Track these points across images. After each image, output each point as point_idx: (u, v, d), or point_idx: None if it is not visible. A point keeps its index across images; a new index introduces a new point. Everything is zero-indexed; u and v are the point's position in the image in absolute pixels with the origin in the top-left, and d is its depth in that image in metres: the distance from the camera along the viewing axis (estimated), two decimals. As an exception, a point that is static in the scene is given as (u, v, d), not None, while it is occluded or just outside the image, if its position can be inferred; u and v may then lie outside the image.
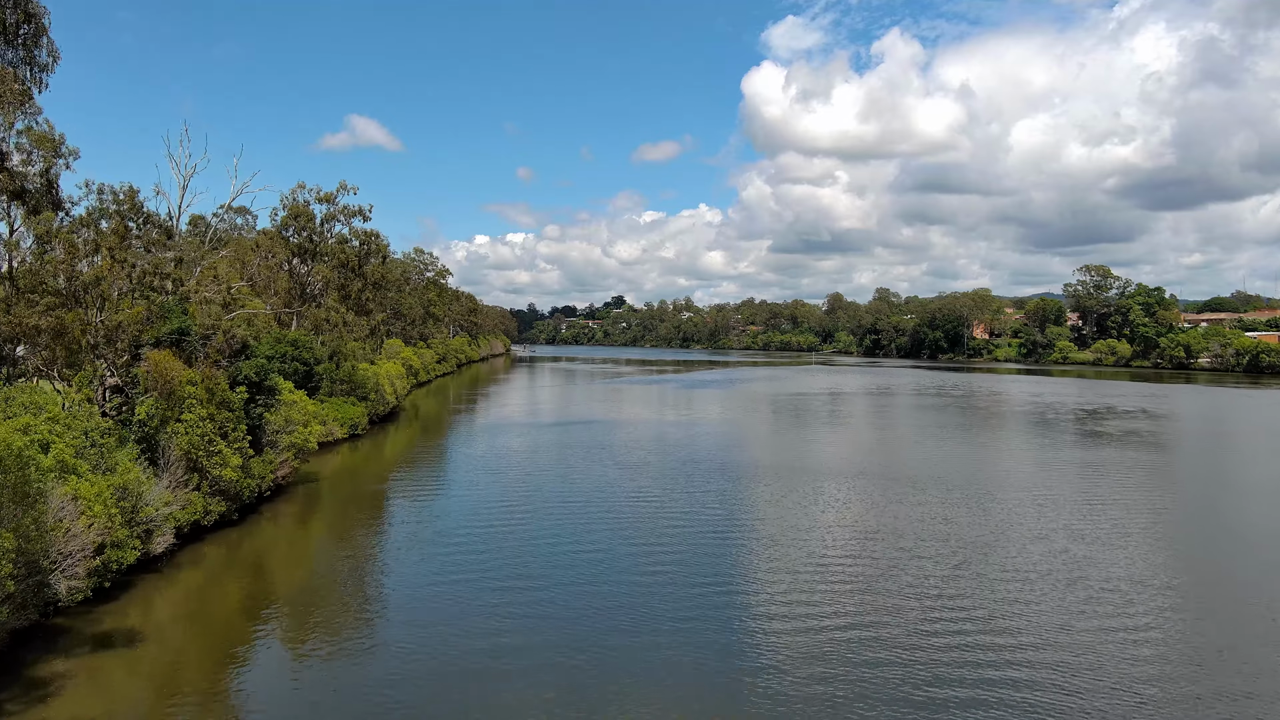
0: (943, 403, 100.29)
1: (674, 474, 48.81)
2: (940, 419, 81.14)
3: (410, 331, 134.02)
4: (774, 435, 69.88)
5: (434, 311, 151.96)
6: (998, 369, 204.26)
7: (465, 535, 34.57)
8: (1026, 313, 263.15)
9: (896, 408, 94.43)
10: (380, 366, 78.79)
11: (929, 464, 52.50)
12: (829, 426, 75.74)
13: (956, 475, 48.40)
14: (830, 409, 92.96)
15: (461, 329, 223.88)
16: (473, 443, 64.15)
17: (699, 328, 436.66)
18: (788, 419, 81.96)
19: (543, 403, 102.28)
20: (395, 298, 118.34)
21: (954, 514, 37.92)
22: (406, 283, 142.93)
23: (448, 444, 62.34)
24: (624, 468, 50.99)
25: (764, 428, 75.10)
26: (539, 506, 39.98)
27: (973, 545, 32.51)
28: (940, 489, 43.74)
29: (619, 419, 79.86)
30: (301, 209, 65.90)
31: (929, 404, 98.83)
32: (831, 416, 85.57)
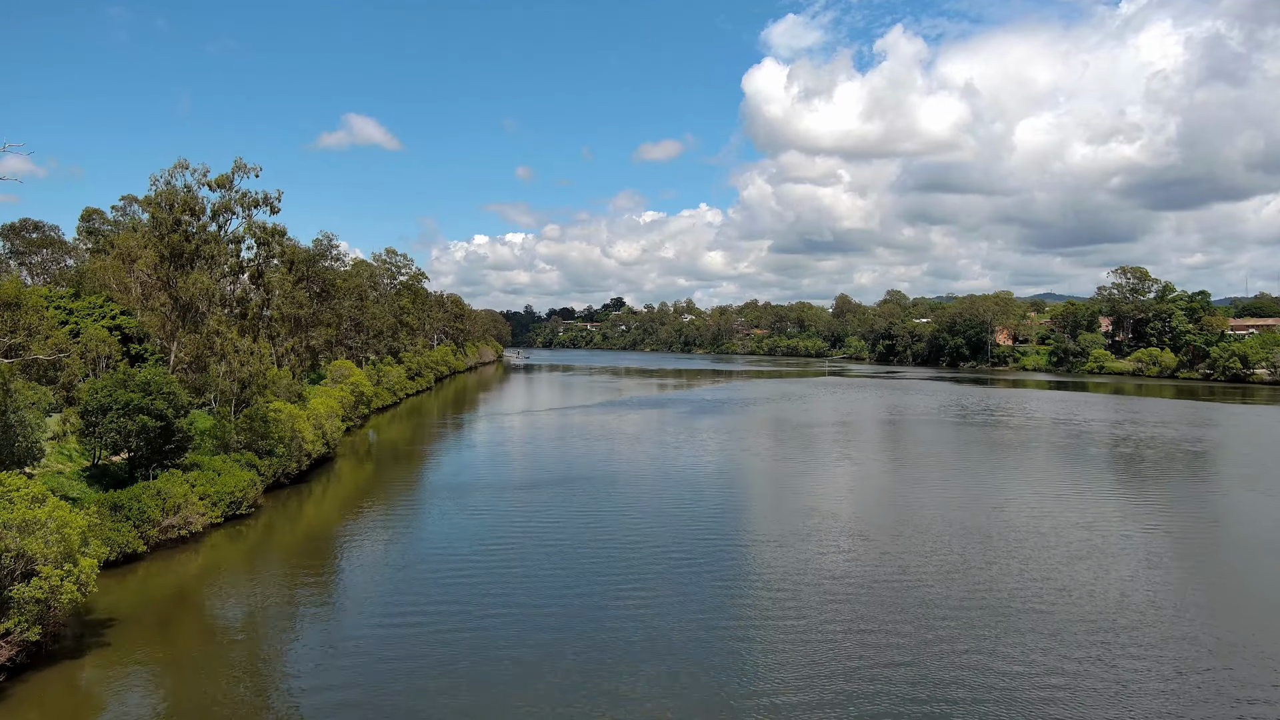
0: (1019, 439, 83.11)
1: (695, 595, 31.65)
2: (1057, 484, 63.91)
3: (378, 345, 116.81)
4: (809, 516, 52.68)
5: (408, 320, 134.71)
6: (1028, 380, 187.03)
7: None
8: (1054, 317, 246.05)
9: (972, 463, 77.20)
10: (313, 402, 61.47)
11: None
12: (885, 499, 58.56)
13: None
14: (871, 458, 75.71)
15: (446, 336, 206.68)
16: (409, 522, 46.81)
17: (701, 331, 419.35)
18: (821, 479, 64.74)
19: (520, 440, 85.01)
20: (353, 308, 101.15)
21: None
22: (374, 288, 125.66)
23: (369, 526, 45.05)
24: (624, 583, 33.85)
25: (796, 496, 57.94)
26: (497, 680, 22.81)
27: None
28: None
29: (613, 473, 62.70)
30: (178, 196, 48.47)
31: (1005, 445, 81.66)
32: (878, 471, 68.32)
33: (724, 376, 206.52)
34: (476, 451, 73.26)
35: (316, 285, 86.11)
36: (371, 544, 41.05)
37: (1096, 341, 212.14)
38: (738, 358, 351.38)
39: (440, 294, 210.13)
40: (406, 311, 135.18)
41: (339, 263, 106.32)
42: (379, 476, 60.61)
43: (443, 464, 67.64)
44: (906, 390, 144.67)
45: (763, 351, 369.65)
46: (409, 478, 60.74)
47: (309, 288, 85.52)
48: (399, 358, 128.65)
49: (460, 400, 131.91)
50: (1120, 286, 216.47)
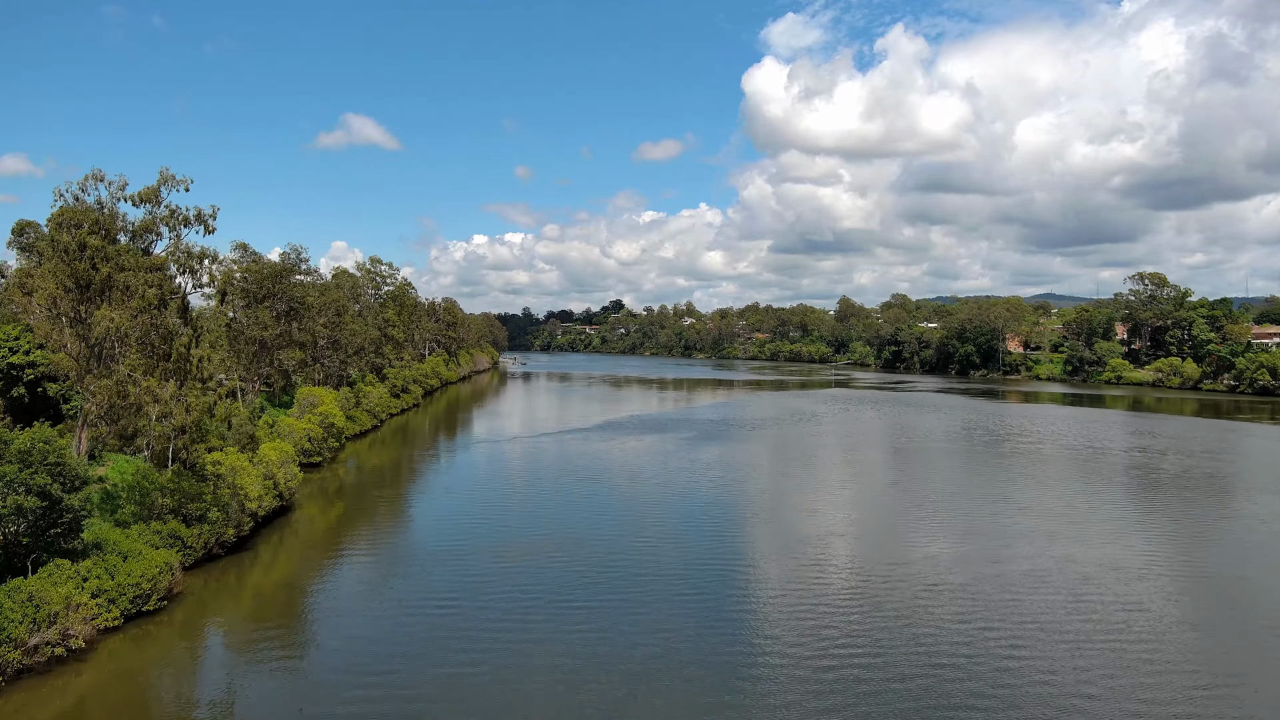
0: (1054, 475, 75.28)
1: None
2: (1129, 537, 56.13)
3: (359, 362, 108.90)
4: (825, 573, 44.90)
5: (393, 334, 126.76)
6: (1044, 393, 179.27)
7: None
8: (1066, 324, 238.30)
9: (1001, 508, 69.51)
10: (264, 448, 53.56)
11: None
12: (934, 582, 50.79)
13: None
14: (893, 508, 67.97)
15: (438, 345, 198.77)
16: (365, 610, 38.96)
17: (701, 335, 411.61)
18: (843, 534, 56.96)
19: (507, 479, 77.28)
20: (329, 325, 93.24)
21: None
22: (356, 301, 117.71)
23: (312, 619, 37.17)
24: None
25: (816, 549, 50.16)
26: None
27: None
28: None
29: (612, 526, 55.09)
30: (90, 215, 40.38)
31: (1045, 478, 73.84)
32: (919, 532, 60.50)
33: (725, 387, 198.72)
34: (456, 497, 65.34)
35: (283, 303, 78.20)
36: (314, 649, 33.21)
37: (1113, 350, 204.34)
38: (739, 363, 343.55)
39: (432, 302, 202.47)
40: (391, 325, 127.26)
41: (311, 276, 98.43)
42: (339, 536, 52.72)
43: (417, 512, 59.77)
44: (920, 407, 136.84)
45: (765, 356, 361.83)
46: (374, 535, 52.88)
47: (275, 306, 77.64)
48: (383, 374, 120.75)
49: (447, 420, 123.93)
50: (1138, 293, 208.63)
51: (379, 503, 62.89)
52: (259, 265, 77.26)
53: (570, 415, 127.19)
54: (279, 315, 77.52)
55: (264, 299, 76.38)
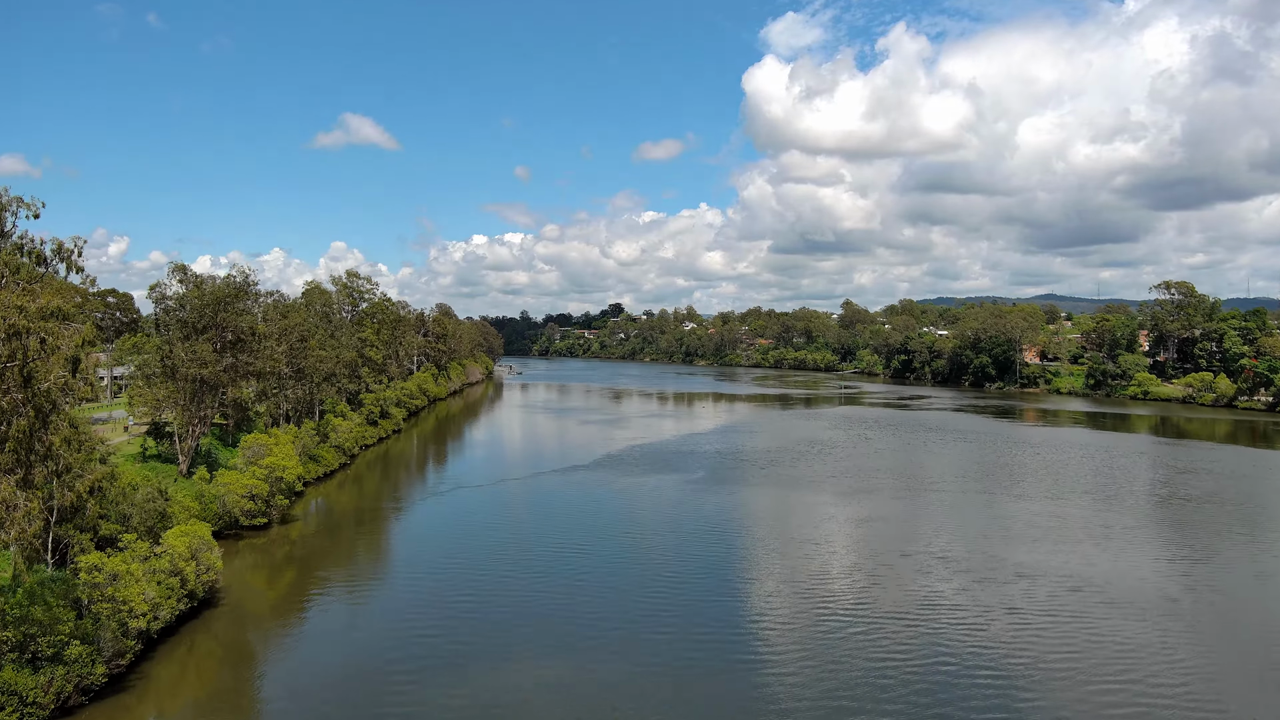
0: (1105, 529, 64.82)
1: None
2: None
3: (329, 390, 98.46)
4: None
5: (371, 355, 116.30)
6: (1066, 412, 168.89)
7: None
8: (1085, 334, 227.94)
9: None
10: (170, 537, 43.08)
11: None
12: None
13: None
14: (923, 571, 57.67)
15: (426, 359, 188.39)
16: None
17: (703, 341, 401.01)
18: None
19: (479, 535, 67.06)
20: (290, 352, 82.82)
21: None
22: (328, 320, 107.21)
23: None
24: None
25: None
26: None
27: None
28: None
29: (608, 621, 44.88)
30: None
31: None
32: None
33: (728, 402, 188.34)
34: (422, 571, 54.82)
35: (229, 333, 67.72)
36: None
37: (1139, 364, 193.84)
38: (741, 371, 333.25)
39: (420, 313, 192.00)
40: (369, 345, 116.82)
41: (274, 296, 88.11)
42: (262, 644, 42.29)
43: (368, 600, 49.23)
44: (942, 433, 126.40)
45: (768, 364, 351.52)
46: (309, 637, 42.43)
47: (219, 338, 67.17)
48: (359, 400, 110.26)
49: (427, 451, 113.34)
50: (1164, 303, 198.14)
51: (324, 584, 52.40)
52: (200, 292, 66.80)
53: (563, 445, 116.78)
54: (222, 348, 67.05)
55: (205, 329, 65.92)
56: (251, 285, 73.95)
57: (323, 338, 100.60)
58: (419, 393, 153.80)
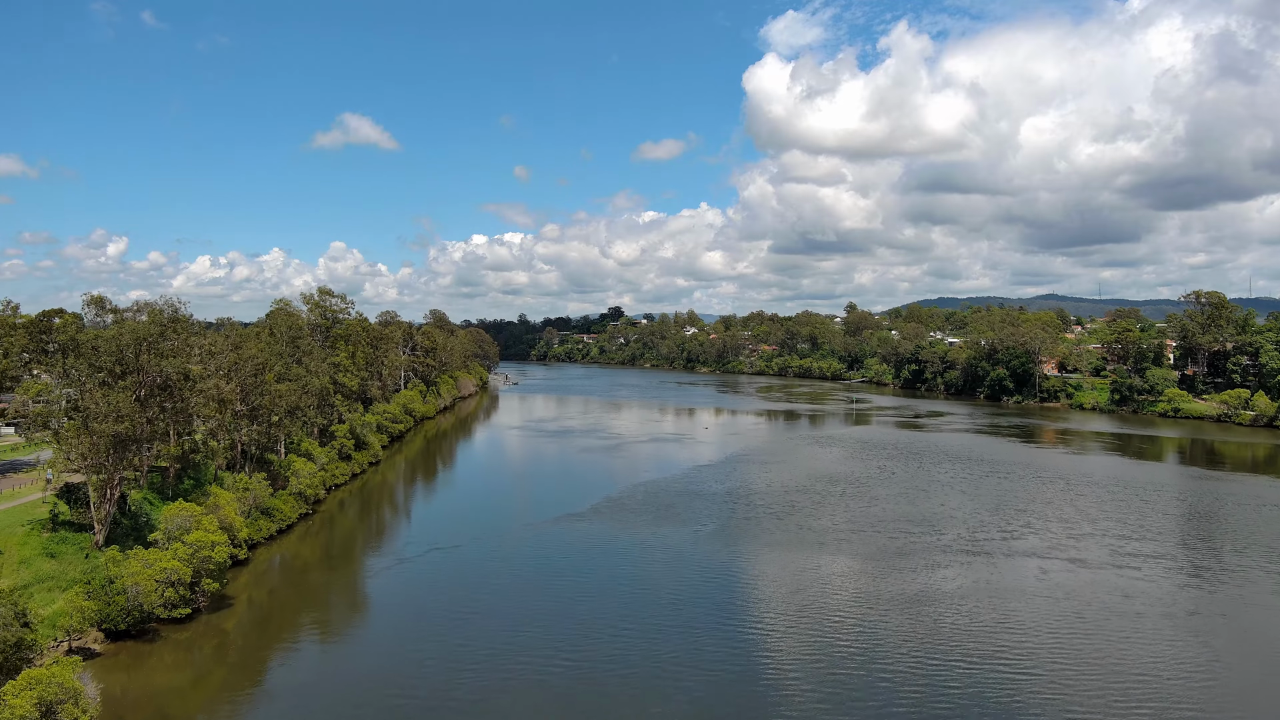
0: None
1: None
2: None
3: (291, 426, 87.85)
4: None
5: (345, 381, 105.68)
6: (1094, 432, 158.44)
7: None
8: (1108, 345, 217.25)
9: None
10: (13, 687, 32.51)
11: None
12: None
13: None
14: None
15: (414, 374, 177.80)
16: None
17: (705, 347, 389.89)
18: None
19: (448, 629, 56.80)
20: (243, 388, 72.25)
21: None
22: (293, 345, 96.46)
23: None
24: None
25: None
26: None
27: None
28: None
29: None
30: None
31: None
32: None
33: (733, 418, 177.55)
34: (382, 696, 44.28)
35: (157, 375, 57.17)
36: None
37: (1168, 379, 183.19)
38: (745, 380, 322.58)
39: (408, 326, 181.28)
40: (343, 370, 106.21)
41: (220, 324, 77.43)
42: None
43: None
44: (969, 465, 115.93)
45: (772, 371, 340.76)
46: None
47: (142, 383, 56.61)
48: (331, 434, 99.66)
49: (403, 492, 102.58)
50: (1194, 315, 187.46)
51: (255, 703, 41.87)
52: (119, 330, 56.25)
53: (556, 483, 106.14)
54: (147, 395, 56.51)
55: (124, 374, 55.35)
56: (184, 320, 63.29)
57: (286, 366, 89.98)
58: (403, 415, 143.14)
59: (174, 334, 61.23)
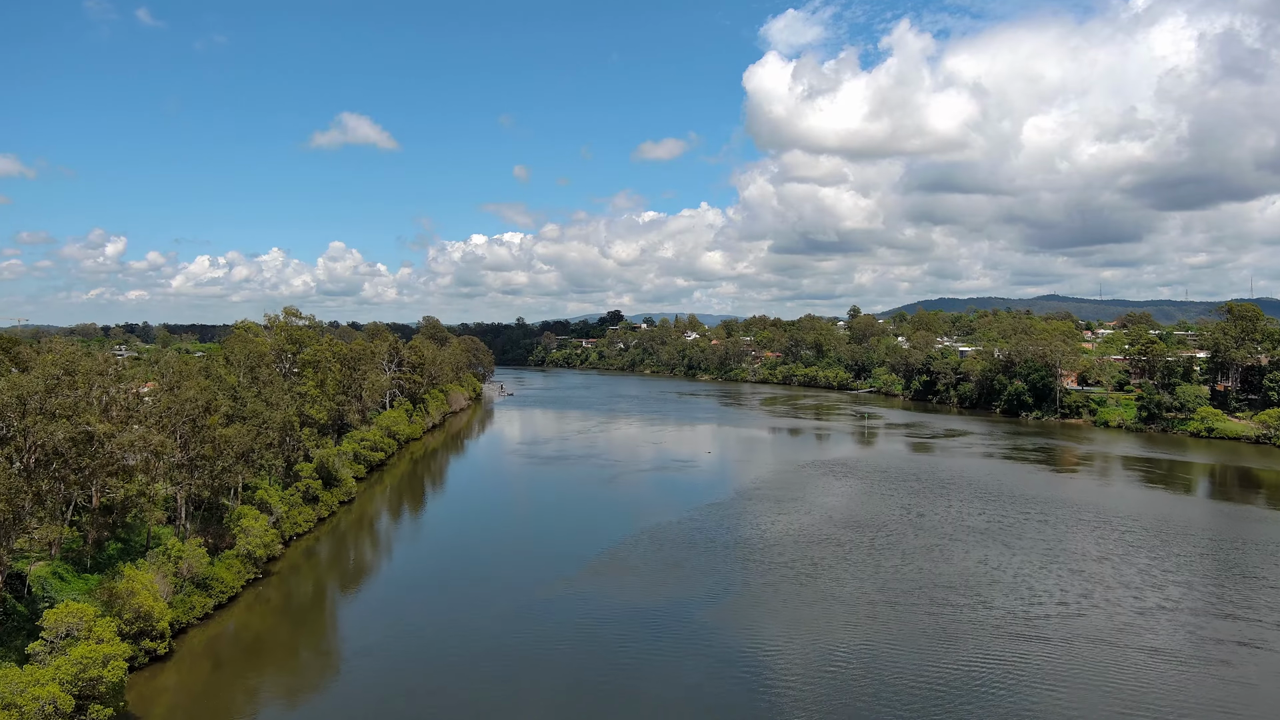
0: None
1: None
2: None
3: (242, 472, 77.46)
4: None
5: (312, 413, 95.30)
6: (1122, 453, 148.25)
7: None
8: (1132, 357, 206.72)
9: None
10: None
11: None
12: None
13: None
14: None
15: (400, 392, 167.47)
16: None
17: (706, 353, 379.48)
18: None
19: None
20: (183, 436, 61.83)
21: None
22: (254, 379, 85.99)
23: None
24: None
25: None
26: None
27: None
28: None
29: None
30: None
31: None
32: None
33: (739, 436, 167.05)
34: None
35: (45, 440, 46.77)
36: None
37: (1200, 396, 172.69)
38: (748, 389, 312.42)
39: (395, 340, 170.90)
40: (311, 400, 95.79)
41: (141, 354, 67.00)
42: None
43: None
44: (998, 497, 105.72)
45: (776, 380, 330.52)
46: None
47: (25, 449, 46.21)
48: (295, 474, 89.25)
49: (369, 542, 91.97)
50: (1226, 328, 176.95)
51: None
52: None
53: (547, 529, 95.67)
54: (35, 465, 46.13)
55: (4, 441, 44.97)
56: (90, 372, 52.83)
57: (241, 402, 79.58)
58: (384, 439, 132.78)
59: (76, 386, 50.73)
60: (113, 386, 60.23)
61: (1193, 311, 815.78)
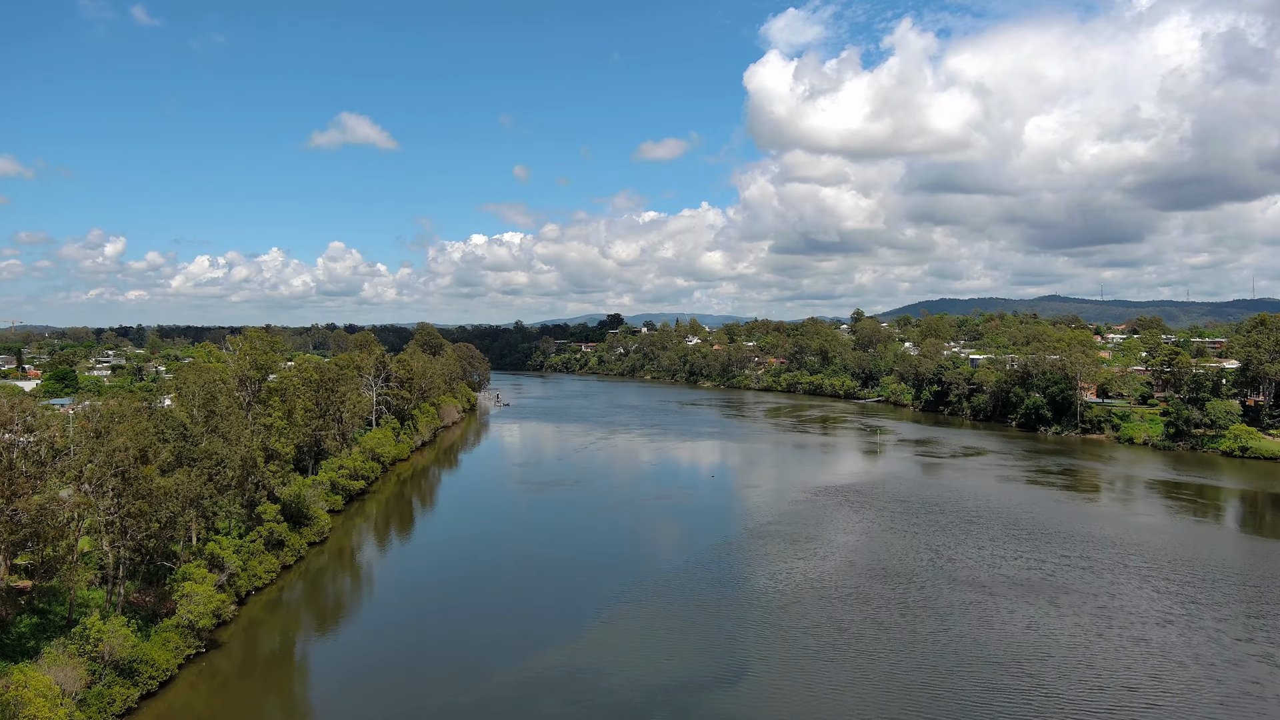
0: None
1: None
2: None
3: (190, 520, 68.45)
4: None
5: (277, 447, 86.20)
6: (1149, 472, 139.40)
7: None
8: (1154, 369, 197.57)
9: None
10: None
11: None
12: None
13: None
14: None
15: (387, 408, 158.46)
16: None
17: (708, 359, 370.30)
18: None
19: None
20: (116, 494, 52.82)
21: None
22: (210, 412, 76.81)
23: None
24: None
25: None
26: None
27: None
28: None
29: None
30: None
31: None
32: None
33: (740, 451, 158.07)
34: None
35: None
36: None
37: (1232, 413, 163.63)
38: (751, 397, 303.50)
39: (382, 355, 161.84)
40: (278, 434, 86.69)
41: (83, 403, 58.07)
42: None
43: None
44: (1031, 535, 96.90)
45: (780, 388, 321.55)
46: None
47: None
48: (257, 517, 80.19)
49: (339, 593, 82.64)
50: (1260, 343, 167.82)
51: None
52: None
53: (540, 576, 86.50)
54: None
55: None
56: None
57: (191, 442, 70.52)
58: (366, 465, 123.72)
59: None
60: (24, 437, 51.20)
61: (1194, 312, 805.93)
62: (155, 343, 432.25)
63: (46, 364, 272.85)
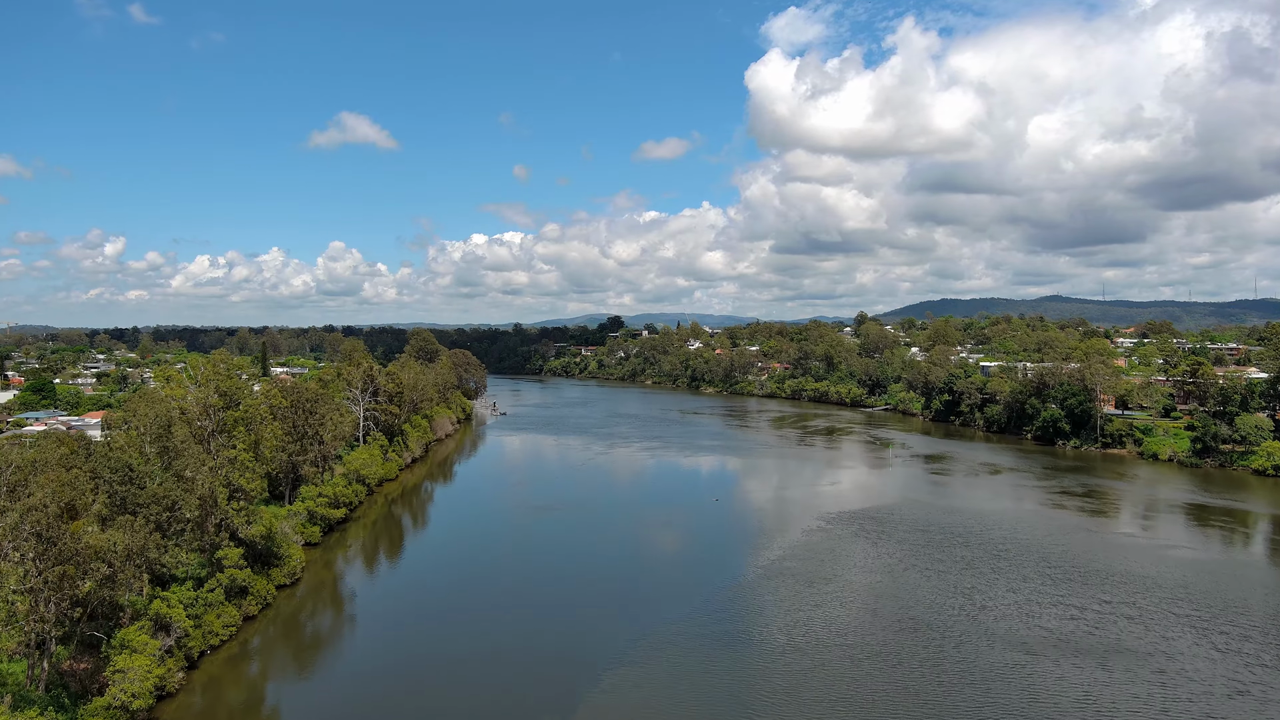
0: None
1: None
2: None
3: (131, 576, 60.62)
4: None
5: (242, 483, 78.29)
6: (1179, 494, 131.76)
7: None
8: (1176, 381, 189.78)
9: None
10: None
11: None
12: None
13: None
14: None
15: (375, 425, 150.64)
16: None
17: (710, 365, 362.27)
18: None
19: None
20: (41, 551, 44.98)
21: None
22: (164, 449, 68.87)
23: None
24: None
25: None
26: None
27: None
28: None
29: None
30: None
31: None
32: None
33: (745, 467, 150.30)
34: None
35: None
36: None
37: (1262, 428, 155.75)
38: (754, 404, 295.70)
39: (370, 369, 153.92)
40: (242, 468, 78.73)
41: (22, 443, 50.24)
42: None
43: None
44: (1064, 575, 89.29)
45: (784, 395, 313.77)
46: None
47: None
48: (217, 563, 72.31)
49: (303, 653, 74.50)
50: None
51: None
52: None
53: (532, 630, 78.47)
54: None
55: None
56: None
57: (140, 483, 62.68)
58: (348, 489, 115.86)
59: None
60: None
61: (1197, 312, 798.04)
62: (147, 346, 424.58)
63: (33, 370, 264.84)
